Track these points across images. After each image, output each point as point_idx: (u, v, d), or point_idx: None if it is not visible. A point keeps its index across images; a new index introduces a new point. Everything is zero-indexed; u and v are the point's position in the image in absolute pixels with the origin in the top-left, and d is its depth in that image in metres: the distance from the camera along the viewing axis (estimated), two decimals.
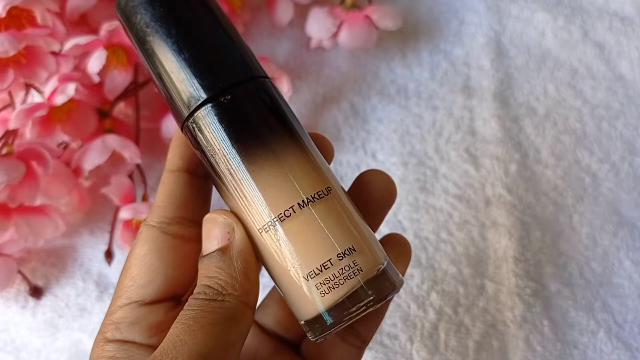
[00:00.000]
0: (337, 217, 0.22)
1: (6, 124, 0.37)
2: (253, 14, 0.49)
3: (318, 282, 0.21)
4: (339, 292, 0.21)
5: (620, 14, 0.50)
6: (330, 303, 0.21)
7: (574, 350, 0.37)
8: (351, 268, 0.21)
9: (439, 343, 0.38)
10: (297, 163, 0.22)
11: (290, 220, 0.21)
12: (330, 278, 0.21)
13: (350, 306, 0.21)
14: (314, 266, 0.21)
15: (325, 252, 0.21)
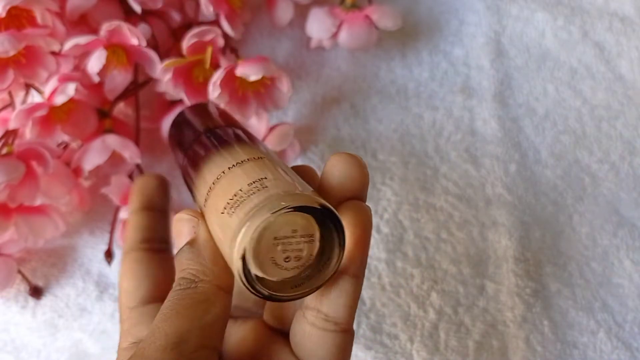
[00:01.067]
0: (261, 166, 0.22)
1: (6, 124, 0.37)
2: (253, 14, 0.49)
3: (228, 209, 0.21)
4: (243, 208, 0.20)
5: (620, 14, 0.50)
6: (237, 221, 0.20)
7: (574, 350, 0.37)
8: (257, 188, 0.21)
9: (439, 343, 0.38)
10: (238, 145, 0.24)
11: (220, 179, 0.22)
12: (239, 200, 0.21)
13: (261, 216, 0.20)
14: (228, 198, 0.21)
15: (238, 185, 0.21)
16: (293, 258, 0.21)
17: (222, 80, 0.38)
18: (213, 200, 0.22)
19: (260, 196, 0.20)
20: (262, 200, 0.20)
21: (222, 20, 0.42)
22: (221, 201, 0.21)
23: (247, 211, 0.20)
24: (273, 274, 0.21)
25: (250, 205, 0.20)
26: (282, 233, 0.20)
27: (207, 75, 0.40)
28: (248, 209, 0.20)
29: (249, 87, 0.41)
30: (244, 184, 0.21)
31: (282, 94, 0.41)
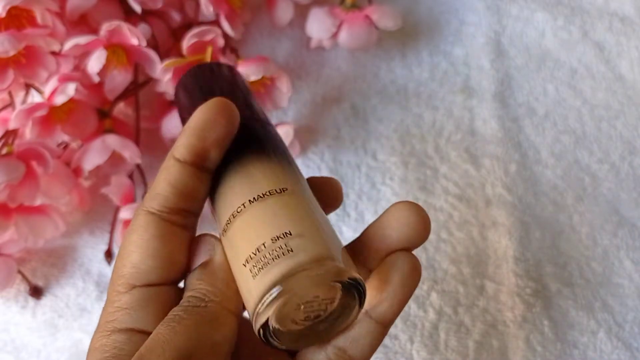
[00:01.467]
0: (283, 208, 0.21)
1: (6, 124, 0.37)
2: (253, 14, 0.49)
3: (252, 265, 0.20)
4: (268, 272, 0.20)
5: (620, 14, 0.50)
6: (262, 287, 0.20)
7: (574, 350, 0.37)
8: (281, 249, 0.20)
9: (439, 343, 0.38)
10: (255, 165, 0.23)
11: (240, 216, 0.21)
12: (262, 260, 0.20)
13: (280, 288, 0.19)
14: (250, 252, 0.20)
15: (260, 237, 0.20)
16: (312, 317, 0.21)
17: None
18: (233, 239, 0.22)
19: (285, 263, 0.20)
20: (288, 270, 0.19)
21: (222, 20, 0.42)
22: (242, 248, 0.21)
23: (271, 281, 0.20)
24: (289, 329, 0.21)
25: (275, 274, 0.20)
26: (305, 299, 0.20)
27: None
28: (273, 279, 0.20)
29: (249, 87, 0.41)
30: (267, 238, 0.20)
31: (282, 93, 0.41)
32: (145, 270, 0.22)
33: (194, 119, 0.23)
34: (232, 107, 0.23)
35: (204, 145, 0.23)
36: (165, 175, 0.23)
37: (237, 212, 0.21)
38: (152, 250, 0.22)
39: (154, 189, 0.23)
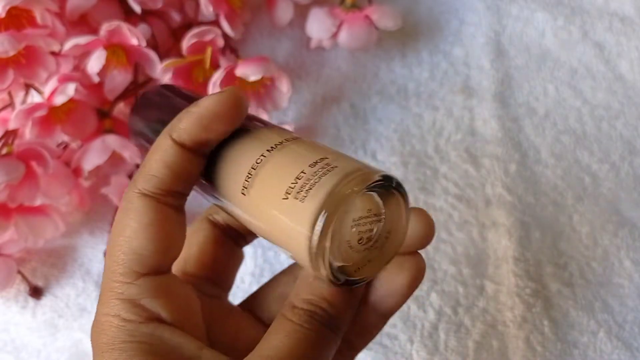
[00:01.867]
0: (309, 145, 0.21)
1: (6, 124, 0.37)
2: (253, 14, 0.49)
3: (296, 192, 0.19)
4: (319, 188, 0.19)
5: (620, 14, 0.50)
6: (316, 202, 0.19)
7: (574, 350, 0.37)
8: (325, 168, 0.19)
9: (438, 343, 0.38)
10: (261, 130, 0.22)
11: (263, 165, 0.21)
12: (306, 183, 0.19)
13: (341, 198, 0.18)
14: (289, 183, 0.19)
15: (297, 168, 0.20)
16: (365, 239, 0.20)
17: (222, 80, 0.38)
18: (262, 187, 0.20)
19: (333, 177, 0.19)
20: (338, 180, 0.19)
21: (222, 21, 0.42)
22: (278, 187, 0.20)
23: (326, 193, 0.18)
24: (347, 258, 0.20)
25: (327, 187, 0.19)
26: (359, 214, 0.19)
27: (207, 75, 0.40)
28: (326, 191, 0.19)
29: (249, 87, 0.41)
30: (305, 165, 0.20)
31: (282, 94, 0.41)
32: (147, 256, 0.22)
33: (204, 106, 0.22)
34: (245, 100, 0.22)
35: (208, 137, 0.22)
36: (161, 156, 0.22)
37: (257, 164, 0.21)
38: (152, 234, 0.21)
39: (148, 170, 0.22)
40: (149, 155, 0.22)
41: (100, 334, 0.21)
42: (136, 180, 0.22)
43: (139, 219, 0.22)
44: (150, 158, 0.22)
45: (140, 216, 0.22)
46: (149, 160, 0.22)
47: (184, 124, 0.22)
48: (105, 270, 0.22)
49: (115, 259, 0.22)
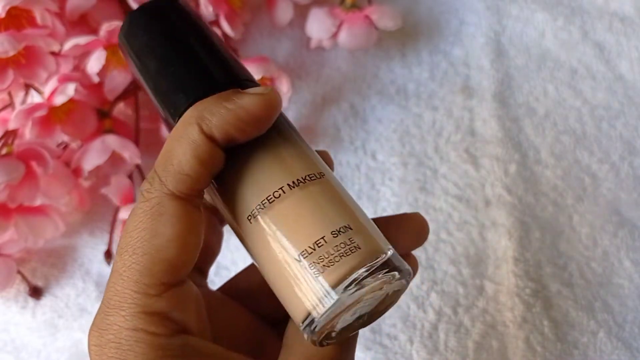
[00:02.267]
0: (331, 197, 0.20)
1: (6, 124, 0.37)
2: (253, 14, 0.49)
3: (312, 261, 0.18)
4: (337, 269, 0.18)
5: (620, 14, 0.50)
6: (330, 282, 0.18)
7: (574, 350, 0.37)
8: (347, 245, 0.19)
9: (438, 343, 0.38)
10: (285, 148, 0.21)
11: (280, 202, 0.19)
12: (325, 256, 0.18)
13: (357, 286, 0.18)
14: (306, 245, 0.19)
15: (317, 230, 0.19)
16: (360, 315, 0.20)
17: None
18: (274, 226, 0.19)
19: (354, 260, 0.19)
20: (357, 266, 0.19)
21: (222, 21, 0.42)
22: (293, 238, 0.19)
23: (343, 278, 0.18)
24: (334, 326, 0.20)
25: (346, 271, 0.18)
26: (365, 296, 0.19)
27: None
28: (344, 276, 0.18)
29: None
30: (327, 231, 0.19)
31: (282, 94, 0.41)
32: (179, 267, 0.20)
33: (244, 106, 0.20)
34: (280, 104, 0.21)
35: (240, 136, 0.20)
36: (193, 152, 0.19)
37: (274, 197, 0.19)
38: (186, 243, 0.20)
39: (180, 168, 0.19)
40: (174, 146, 0.20)
41: (121, 350, 0.19)
42: (164, 178, 0.20)
43: (175, 225, 0.19)
44: (177, 151, 0.20)
45: (176, 223, 0.19)
46: (177, 154, 0.20)
47: (218, 120, 0.19)
48: (120, 278, 0.20)
49: (139, 269, 0.19)
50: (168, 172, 0.20)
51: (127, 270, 0.20)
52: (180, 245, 0.19)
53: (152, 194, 0.20)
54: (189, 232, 0.20)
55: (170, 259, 0.19)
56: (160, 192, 0.19)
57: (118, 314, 0.20)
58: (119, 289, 0.20)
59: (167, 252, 0.19)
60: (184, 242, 0.20)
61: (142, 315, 0.19)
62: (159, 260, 0.19)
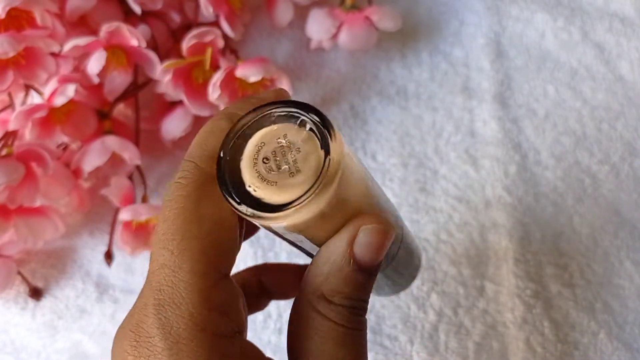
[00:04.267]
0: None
1: (6, 125, 0.37)
2: (253, 14, 0.49)
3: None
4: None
5: (620, 15, 0.50)
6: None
7: (575, 351, 0.37)
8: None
9: (439, 344, 0.38)
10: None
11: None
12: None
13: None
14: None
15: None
16: (269, 165, 0.19)
17: (222, 81, 0.38)
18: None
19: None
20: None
21: (222, 21, 0.42)
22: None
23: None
24: (247, 159, 0.19)
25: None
26: (292, 139, 0.19)
27: (206, 76, 0.40)
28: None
29: (249, 88, 0.41)
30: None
31: None
32: (230, 251, 0.19)
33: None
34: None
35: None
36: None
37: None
38: (233, 227, 0.19)
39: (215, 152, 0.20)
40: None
41: (174, 353, 0.17)
42: (201, 162, 0.20)
43: (219, 207, 0.19)
44: (210, 139, 0.20)
45: (219, 204, 0.19)
46: (210, 141, 0.20)
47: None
48: (168, 268, 0.18)
49: (191, 255, 0.18)
50: (203, 157, 0.20)
51: (178, 258, 0.18)
52: (227, 227, 0.19)
53: (189, 179, 0.19)
54: (232, 214, 0.19)
55: (221, 242, 0.19)
56: (197, 177, 0.19)
57: (170, 310, 0.17)
58: (169, 280, 0.18)
59: (216, 234, 0.18)
60: (231, 225, 0.19)
61: (202, 311, 0.17)
62: (209, 243, 0.18)
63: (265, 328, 0.39)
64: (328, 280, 0.19)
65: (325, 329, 0.19)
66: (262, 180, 0.18)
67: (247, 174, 0.19)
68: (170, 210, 0.19)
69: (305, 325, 0.20)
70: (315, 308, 0.20)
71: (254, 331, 0.38)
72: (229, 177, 0.19)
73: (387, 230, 0.20)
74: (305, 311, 0.20)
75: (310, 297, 0.20)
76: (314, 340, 0.19)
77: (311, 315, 0.20)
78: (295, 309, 0.21)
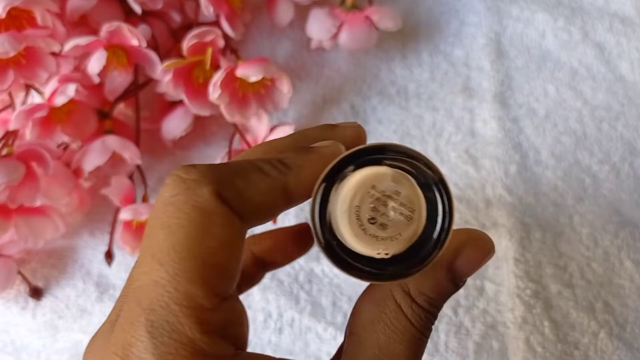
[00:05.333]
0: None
1: (6, 125, 0.37)
2: (253, 14, 0.49)
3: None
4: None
5: (620, 15, 0.50)
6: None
7: (575, 351, 0.37)
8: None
9: (439, 344, 0.38)
10: None
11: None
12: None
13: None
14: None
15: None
16: (379, 222, 0.18)
17: (222, 81, 0.38)
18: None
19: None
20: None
21: (223, 21, 0.42)
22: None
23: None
24: (353, 231, 0.18)
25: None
26: (383, 187, 0.18)
27: (207, 76, 0.40)
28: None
29: (249, 88, 0.41)
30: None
31: (283, 94, 0.41)
32: (233, 274, 0.17)
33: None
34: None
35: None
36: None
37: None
38: (236, 250, 0.17)
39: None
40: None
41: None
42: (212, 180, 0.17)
43: (229, 226, 0.17)
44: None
45: (229, 223, 0.17)
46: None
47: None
48: (162, 288, 0.16)
49: (189, 276, 0.16)
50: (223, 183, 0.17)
51: (174, 279, 0.16)
52: (230, 252, 0.17)
53: (201, 187, 0.17)
54: (237, 239, 0.17)
55: (224, 265, 0.17)
56: (212, 186, 0.17)
57: (167, 335, 0.16)
58: (162, 301, 0.16)
59: (221, 256, 0.16)
60: (233, 249, 0.17)
61: (197, 336, 0.16)
62: (211, 266, 0.16)
63: (265, 328, 0.39)
64: (418, 280, 0.19)
65: (400, 327, 0.19)
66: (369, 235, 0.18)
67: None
68: (173, 217, 0.16)
69: (379, 312, 0.19)
70: (397, 301, 0.19)
71: (254, 331, 0.38)
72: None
73: (492, 248, 0.19)
74: (384, 299, 0.19)
75: (394, 287, 0.19)
76: (384, 333, 0.19)
77: (389, 306, 0.19)
78: (370, 293, 0.20)
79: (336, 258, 0.18)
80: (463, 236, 0.19)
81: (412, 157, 0.19)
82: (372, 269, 0.18)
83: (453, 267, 0.19)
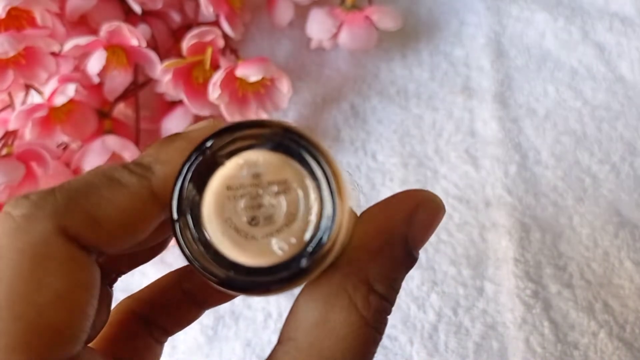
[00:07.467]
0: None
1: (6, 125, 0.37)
2: (253, 14, 0.49)
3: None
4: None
5: (620, 15, 0.50)
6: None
7: (575, 351, 0.37)
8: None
9: (438, 344, 0.38)
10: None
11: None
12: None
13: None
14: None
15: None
16: (262, 219, 0.14)
17: (222, 81, 0.38)
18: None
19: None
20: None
21: (222, 21, 0.42)
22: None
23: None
24: (235, 246, 0.14)
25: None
26: (238, 182, 0.14)
27: (207, 76, 0.40)
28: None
29: (249, 87, 0.41)
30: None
31: (282, 94, 0.41)
32: (69, 337, 0.14)
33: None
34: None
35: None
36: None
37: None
38: (81, 300, 0.14)
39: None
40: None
41: None
42: (60, 194, 0.15)
43: (68, 275, 0.14)
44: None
45: (70, 271, 0.14)
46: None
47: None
48: None
49: (8, 342, 0.13)
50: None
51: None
52: (76, 299, 0.13)
53: (33, 223, 0.13)
54: (88, 280, 0.14)
55: (60, 325, 0.13)
56: (49, 221, 0.13)
57: None
58: None
59: (55, 313, 0.13)
60: (82, 295, 0.14)
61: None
62: (41, 328, 0.13)
63: (265, 328, 0.39)
64: (377, 261, 0.16)
65: (352, 326, 0.16)
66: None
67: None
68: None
69: (325, 311, 0.16)
70: (349, 294, 0.16)
71: (254, 331, 0.38)
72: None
73: (441, 206, 0.17)
74: (333, 294, 0.16)
75: (347, 278, 0.16)
76: (329, 336, 0.16)
77: (339, 302, 0.16)
78: (314, 289, 0.16)
79: (239, 286, 0.15)
80: (409, 203, 0.16)
81: (260, 125, 0.15)
82: (275, 277, 0.15)
83: (408, 238, 0.16)
